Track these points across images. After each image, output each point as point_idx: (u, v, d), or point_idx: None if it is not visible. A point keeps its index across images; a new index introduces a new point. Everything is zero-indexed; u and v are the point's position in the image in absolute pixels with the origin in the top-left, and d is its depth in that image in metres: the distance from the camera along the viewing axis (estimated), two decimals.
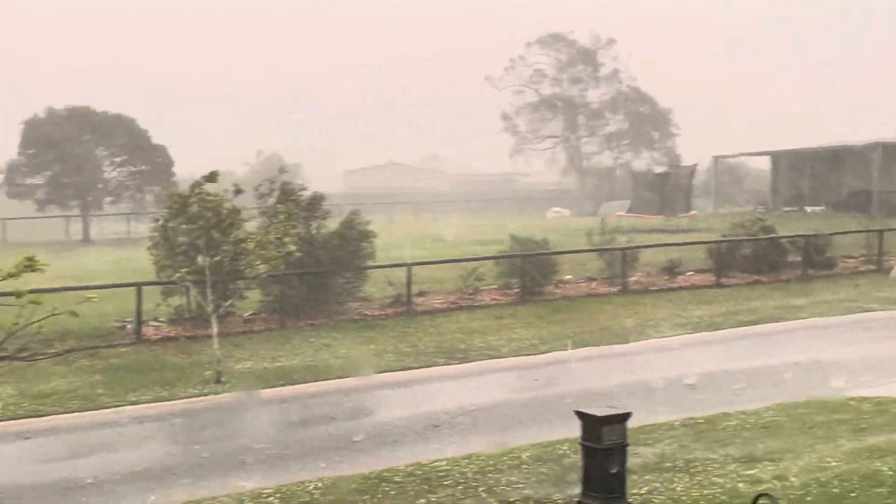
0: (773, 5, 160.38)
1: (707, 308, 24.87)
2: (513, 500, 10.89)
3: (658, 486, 11.10)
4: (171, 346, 20.98)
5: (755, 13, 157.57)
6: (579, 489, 10.30)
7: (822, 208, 50.55)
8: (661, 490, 10.95)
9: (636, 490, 10.80)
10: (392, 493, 11.32)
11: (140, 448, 14.48)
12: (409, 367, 19.02)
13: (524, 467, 12.10)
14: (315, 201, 23.73)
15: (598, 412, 10.15)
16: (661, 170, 53.04)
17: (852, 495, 10.51)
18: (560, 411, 14.86)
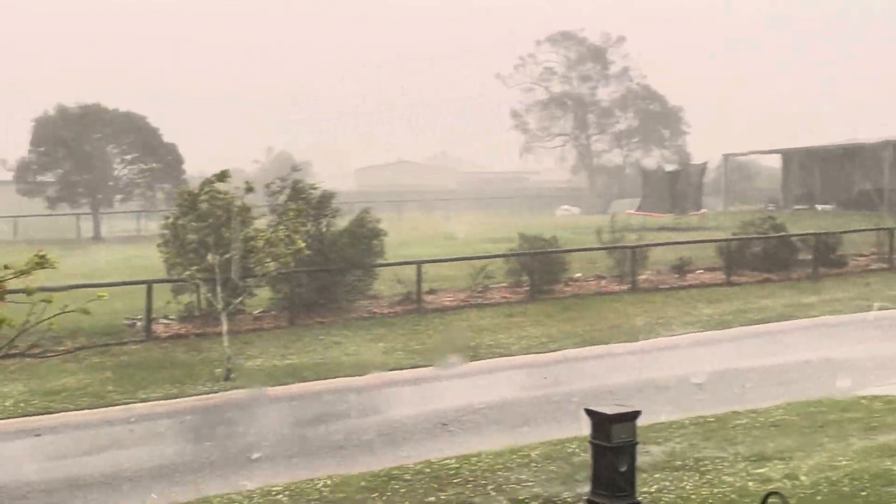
0: (773, 5, 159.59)
1: (717, 306, 24.81)
2: (522, 498, 10.89)
3: (667, 484, 11.09)
4: (181, 343, 21.04)
5: (755, 13, 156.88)
6: (589, 487, 10.31)
7: (833, 206, 50.41)
8: (671, 488, 10.95)
9: (646, 488, 10.80)
10: (401, 490, 11.33)
11: (150, 445, 14.52)
12: (419, 365, 19.04)
13: (533, 465, 12.10)
14: (325, 199, 23.76)
15: (608, 410, 10.15)
16: (671, 168, 52.91)
17: (863, 494, 10.49)
18: (569, 409, 14.87)
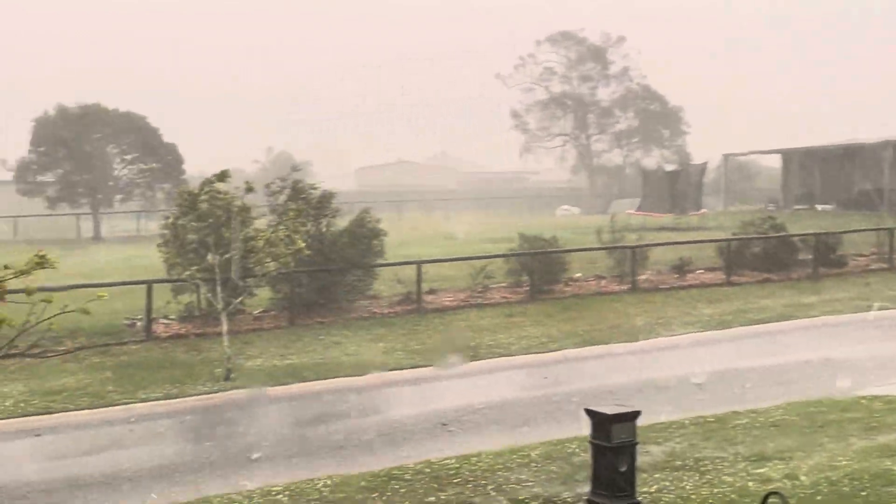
0: (773, 5, 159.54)
1: (717, 306, 24.81)
2: (522, 498, 10.89)
3: (667, 484, 11.09)
4: (181, 343, 21.03)
5: (755, 13, 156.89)
6: (589, 487, 10.31)
7: (833, 206, 50.40)
8: (671, 488, 10.95)
9: (645, 488, 10.80)
10: (401, 490, 11.33)
11: (150, 445, 14.52)
12: (419, 365, 19.04)
13: (533, 465, 12.09)
14: (325, 199, 23.75)
15: (608, 410, 10.15)
16: (671, 168, 52.86)
17: (863, 494, 10.49)
18: (569, 409, 14.87)
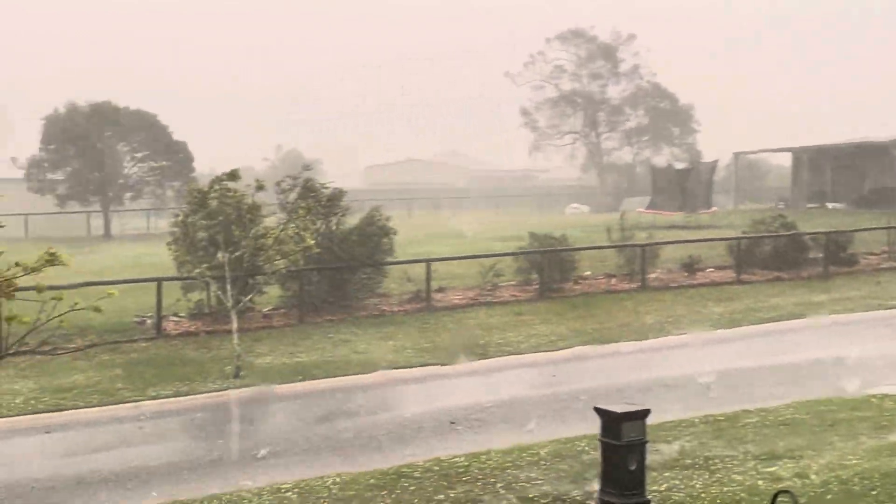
0: (773, 5, 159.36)
1: (727, 305, 24.76)
2: (531, 496, 10.88)
3: (677, 483, 11.07)
4: (190, 340, 21.07)
5: (755, 13, 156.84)
6: (598, 486, 10.29)
7: (844, 205, 50.22)
8: (681, 487, 10.92)
9: (655, 487, 10.78)
10: (411, 488, 11.33)
11: (159, 442, 14.56)
12: (428, 364, 19.03)
13: (542, 463, 12.08)
14: (335, 197, 23.76)
15: (618, 409, 10.13)
16: (681, 166, 52.71)
17: (873, 493, 10.45)
18: (578, 408, 14.86)
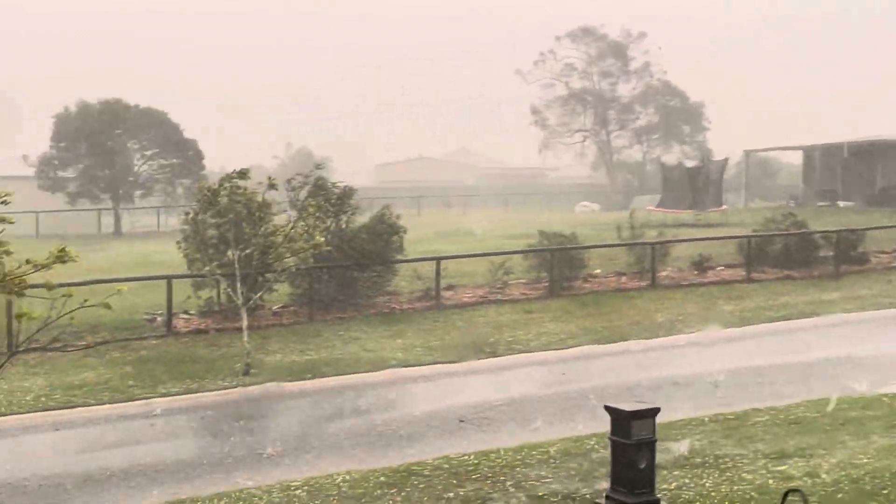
0: (773, 5, 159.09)
1: (737, 303, 24.70)
2: (541, 494, 10.87)
3: (687, 481, 11.05)
4: (200, 338, 21.11)
5: (755, 13, 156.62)
6: (608, 484, 10.28)
7: (855, 203, 50.05)
8: (690, 486, 10.91)
9: (665, 485, 10.76)
10: (420, 486, 11.33)
11: (169, 440, 14.59)
12: (438, 362, 19.03)
13: (552, 462, 12.08)
14: (345, 195, 23.76)
15: (628, 407, 10.12)
16: (692, 164, 52.59)
17: (884, 492, 10.42)
18: (588, 406, 14.85)
